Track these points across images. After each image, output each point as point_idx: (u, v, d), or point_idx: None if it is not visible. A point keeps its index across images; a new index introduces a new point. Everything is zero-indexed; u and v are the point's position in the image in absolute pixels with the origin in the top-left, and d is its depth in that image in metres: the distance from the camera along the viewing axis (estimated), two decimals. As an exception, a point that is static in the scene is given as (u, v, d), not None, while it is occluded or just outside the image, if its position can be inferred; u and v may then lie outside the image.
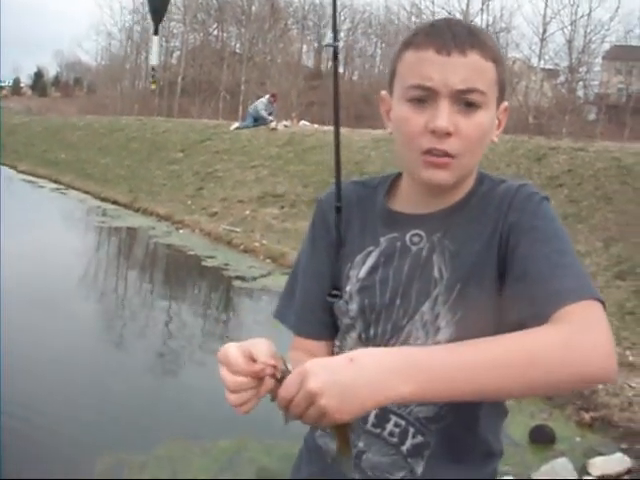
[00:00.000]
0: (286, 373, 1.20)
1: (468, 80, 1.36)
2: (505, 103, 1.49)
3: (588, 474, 4.98)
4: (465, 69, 1.36)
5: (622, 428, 5.64)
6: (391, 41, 51.42)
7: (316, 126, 20.71)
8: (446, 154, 1.38)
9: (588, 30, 42.52)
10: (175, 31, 56.17)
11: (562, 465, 4.92)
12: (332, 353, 1.57)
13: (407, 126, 1.41)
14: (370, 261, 1.51)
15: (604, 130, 34.28)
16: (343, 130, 18.98)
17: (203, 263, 11.54)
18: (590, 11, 39.94)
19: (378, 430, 1.49)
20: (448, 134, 1.36)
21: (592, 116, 46.59)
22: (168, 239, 13.46)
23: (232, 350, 1.21)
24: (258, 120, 20.20)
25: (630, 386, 6.10)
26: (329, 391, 1.11)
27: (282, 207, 14.18)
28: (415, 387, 1.13)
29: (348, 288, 1.52)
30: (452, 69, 1.35)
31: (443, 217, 1.48)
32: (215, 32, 57.63)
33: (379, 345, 1.47)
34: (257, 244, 12.42)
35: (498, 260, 1.40)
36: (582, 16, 40.61)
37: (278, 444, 5.00)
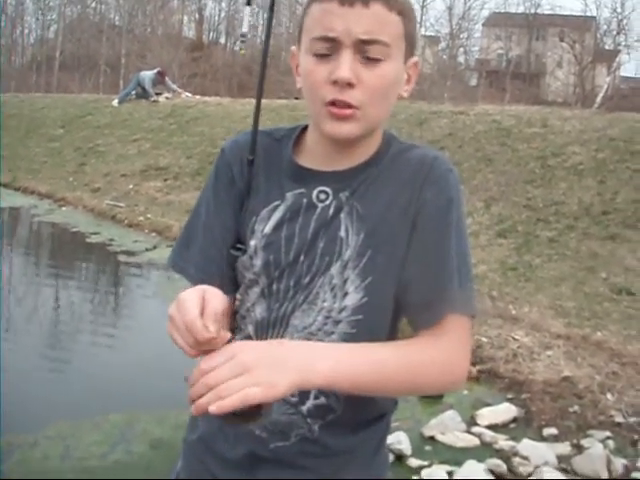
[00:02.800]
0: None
1: (371, 31, 1.34)
2: (415, 58, 1.46)
3: (477, 425, 5.10)
4: (368, 20, 1.33)
5: (507, 379, 5.79)
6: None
7: (198, 97, 20.52)
8: (349, 105, 1.36)
9: (467, -4, 43.28)
10: (52, 4, 54.53)
11: (451, 418, 5.03)
12: (234, 307, 1.55)
13: (311, 78, 1.39)
14: (276, 216, 1.48)
15: (485, 95, 35.01)
16: (224, 101, 18.91)
17: (87, 240, 11.29)
18: (468, -22, 40.64)
19: None
20: (350, 85, 1.35)
21: (473, 81, 47.62)
22: (51, 217, 13.11)
23: (190, 312, 1.21)
24: (144, 91, 19.78)
25: (514, 339, 6.26)
26: (263, 364, 1.19)
27: (165, 180, 14.00)
28: (329, 371, 1.26)
29: (253, 243, 1.49)
30: (354, 19, 1.33)
31: (351, 175, 1.46)
32: (93, 4, 56.16)
33: (282, 301, 1.47)
34: (142, 218, 12.24)
35: (409, 233, 1.41)
36: (461, -18, 41.30)
37: (169, 414, 4.96)
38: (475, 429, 5.04)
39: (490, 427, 5.08)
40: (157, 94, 20.02)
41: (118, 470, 4.37)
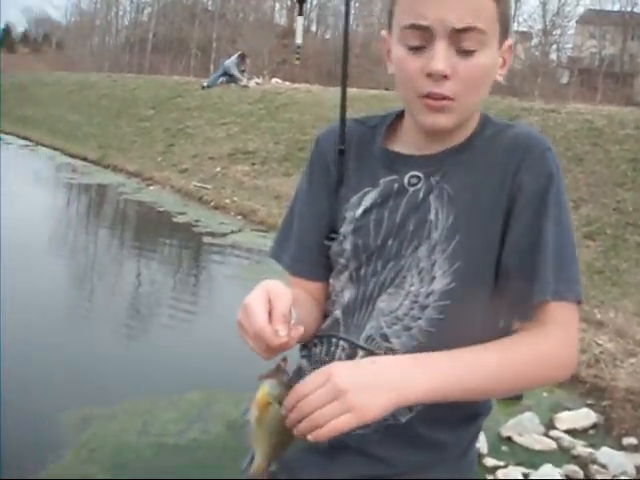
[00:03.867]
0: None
1: (466, 18, 1.28)
2: (510, 40, 1.41)
3: (555, 428, 5.02)
4: (462, 5, 1.28)
5: (588, 384, 5.70)
6: (365, 0, 51.09)
7: (287, 84, 20.60)
8: (445, 97, 1.33)
9: (562, -8, 42.49)
10: (146, -13, 55.45)
11: (529, 419, 4.96)
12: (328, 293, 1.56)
13: (404, 70, 1.36)
14: (366, 202, 1.48)
15: (576, 93, 34.39)
16: (314, 88, 18.93)
17: (174, 219, 11.47)
18: (565, -27, 39.88)
19: None
20: (445, 77, 1.31)
21: (564, 79, 46.76)
22: (138, 196, 13.36)
23: (259, 320, 1.21)
24: (232, 77, 20.01)
25: (597, 343, 6.15)
26: (357, 387, 1.18)
27: (253, 164, 14.09)
28: (429, 386, 1.24)
29: (343, 229, 1.49)
30: (449, 5, 1.28)
31: (442, 159, 1.44)
32: (187, -12, 56.91)
33: (368, 285, 1.46)
34: (228, 201, 12.36)
35: (504, 219, 1.38)
36: (556, -22, 40.58)
37: (246, 395, 4.99)
38: (553, 433, 4.96)
39: (568, 432, 4.99)
40: (248, 79, 20.18)
41: (195, 449, 4.42)
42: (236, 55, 20.72)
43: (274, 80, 21.58)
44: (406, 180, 1.45)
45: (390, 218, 1.44)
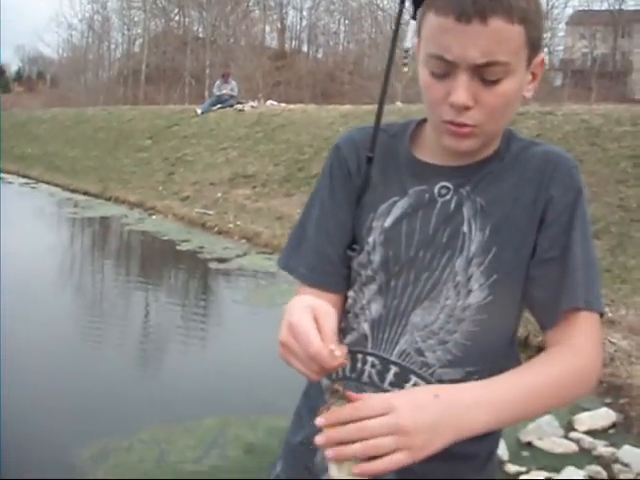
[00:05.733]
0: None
1: (488, 53, 1.27)
2: (541, 56, 1.39)
3: (575, 430, 5.00)
4: (485, 40, 1.26)
5: (605, 383, 5.67)
6: (354, 17, 51.33)
7: (283, 105, 20.67)
8: (467, 125, 1.33)
9: (550, -5, 42.61)
10: (136, 19, 55.88)
11: (548, 423, 4.93)
12: (344, 305, 1.53)
13: (428, 94, 1.35)
14: (395, 212, 1.46)
15: (571, 95, 34.40)
16: (309, 108, 19.00)
17: (178, 247, 11.48)
18: (551, -24, 40.05)
19: (395, 390, 1.43)
20: (467, 108, 1.31)
21: (558, 82, 46.84)
22: (141, 226, 13.37)
23: (313, 342, 1.15)
24: (222, 102, 20.26)
25: (611, 342, 6.13)
26: (420, 429, 1.13)
27: (254, 187, 14.12)
28: (487, 419, 1.21)
29: (371, 239, 1.46)
30: (471, 41, 1.26)
31: (472, 170, 1.44)
32: (176, 17, 57.35)
33: (400, 298, 1.44)
34: (231, 225, 12.37)
35: (536, 232, 1.40)
36: (543, -18, 40.68)
37: (262, 419, 4.99)
38: (573, 434, 4.93)
39: (588, 433, 4.97)
40: (240, 103, 20.32)
41: (214, 474, 4.40)
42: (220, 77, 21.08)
43: (269, 102, 21.67)
44: (436, 190, 1.45)
45: (422, 230, 1.43)
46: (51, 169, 20.71)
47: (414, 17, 1.46)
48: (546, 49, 43.72)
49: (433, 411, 1.16)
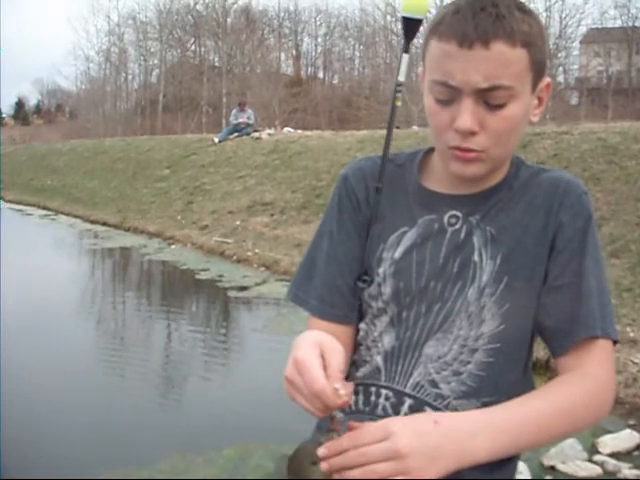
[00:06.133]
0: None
1: (491, 77, 1.27)
2: (546, 80, 1.39)
3: (599, 453, 4.95)
4: (488, 65, 1.27)
5: (628, 404, 5.62)
6: (368, 42, 51.58)
7: (299, 132, 20.74)
8: (473, 150, 1.33)
9: (563, 15, 42.72)
10: (153, 50, 56.35)
11: (571, 446, 4.89)
12: (356, 337, 1.51)
13: (434, 120, 1.36)
14: (405, 242, 1.45)
15: (587, 113, 34.37)
16: (326, 134, 19.06)
17: (197, 276, 11.52)
18: (564, -4, 40.09)
19: None
20: (472, 133, 1.31)
21: (574, 100, 46.76)
22: (160, 255, 13.45)
23: (318, 380, 1.14)
24: (239, 130, 20.38)
25: (633, 362, 6.07)
26: (418, 453, 1.13)
27: (272, 215, 14.16)
28: (490, 446, 1.20)
29: (381, 270, 1.45)
30: (474, 66, 1.27)
31: (481, 199, 1.43)
32: (192, 47, 57.86)
33: (413, 330, 1.43)
34: (250, 253, 12.40)
35: (547, 259, 1.39)
36: (556, 1, 40.76)
37: (282, 447, 4.97)
38: (597, 457, 4.89)
39: (612, 455, 4.92)
40: (257, 130, 20.42)
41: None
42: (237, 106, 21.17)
43: (286, 129, 21.79)
44: (446, 220, 1.44)
45: (432, 260, 1.43)
46: (70, 200, 20.88)
47: (406, 50, 1.48)
48: (561, 68, 43.77)
49: (432, 437, 1.16)
